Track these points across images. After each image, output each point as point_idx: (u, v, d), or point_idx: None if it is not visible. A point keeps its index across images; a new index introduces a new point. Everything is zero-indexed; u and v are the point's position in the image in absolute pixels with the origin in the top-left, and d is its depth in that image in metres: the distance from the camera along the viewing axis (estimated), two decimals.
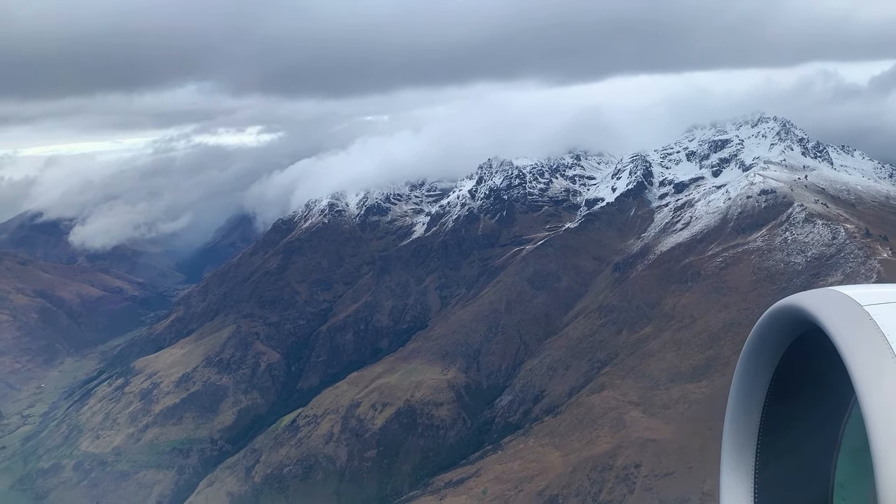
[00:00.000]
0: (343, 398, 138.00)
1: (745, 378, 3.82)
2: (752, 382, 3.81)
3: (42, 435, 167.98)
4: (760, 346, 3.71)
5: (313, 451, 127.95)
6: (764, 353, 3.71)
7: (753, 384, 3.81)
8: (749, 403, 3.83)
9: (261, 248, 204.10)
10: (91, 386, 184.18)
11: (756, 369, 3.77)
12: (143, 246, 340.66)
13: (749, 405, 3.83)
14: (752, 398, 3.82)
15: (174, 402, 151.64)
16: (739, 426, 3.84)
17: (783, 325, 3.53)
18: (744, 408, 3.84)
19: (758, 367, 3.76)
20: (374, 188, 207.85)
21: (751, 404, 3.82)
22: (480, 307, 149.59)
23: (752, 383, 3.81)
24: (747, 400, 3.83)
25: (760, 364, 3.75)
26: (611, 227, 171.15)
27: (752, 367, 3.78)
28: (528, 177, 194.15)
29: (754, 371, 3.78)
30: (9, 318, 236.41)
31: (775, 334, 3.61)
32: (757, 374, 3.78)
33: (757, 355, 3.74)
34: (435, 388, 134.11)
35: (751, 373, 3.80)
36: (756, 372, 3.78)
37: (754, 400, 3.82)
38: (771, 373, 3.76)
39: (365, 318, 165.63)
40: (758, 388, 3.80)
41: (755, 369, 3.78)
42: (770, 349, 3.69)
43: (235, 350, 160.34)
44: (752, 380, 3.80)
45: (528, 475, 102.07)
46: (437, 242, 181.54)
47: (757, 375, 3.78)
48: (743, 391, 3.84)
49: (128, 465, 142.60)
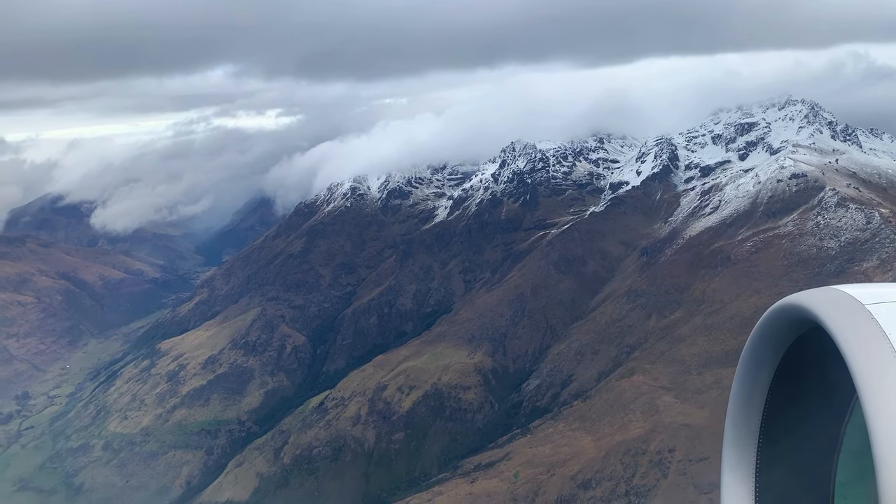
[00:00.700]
0: (370, 381, 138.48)
1: (747, 377, 3.81)
2: (753, 381, 3.80)
3: (69, 415, 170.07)
4: (762, 345, 3.70)
5: (341, 432, 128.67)
6: (765, 352, 3.70)
7: (755, 383, 3.80)
8: (750, 402, 3.82)
9: (283, 231, 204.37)
10: (117, 367, 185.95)
11: (757, 368, 3.75)
12: (163, 228, 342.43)
13: (750, 404, 3.82)
14: (754, 397, 3.81)
15: (201, 384, 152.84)
16: (741, 425, 3.84)
17: (785, 324, 3.53)
18: (745, 407, 3.84)
19: (759, 365, 3.75)
20: (395, 171, 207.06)
21: (752, 403, 3.81)
22: (506, 291, 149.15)
23: (754, 382, 3.80)
24: (748, 399, 3.82)
25: (762, 363, 3.73)
26: (637, 211, 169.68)
27: (753, 366, 3.77)
28: (552, 160, 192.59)
29: (756, 370, 3.76)
30: (33, 301, 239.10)
31: (777, 333, 3.61)
32: (758, 373, 3.76)
33: (758, 354, 3.73)
34: (462, 372, 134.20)
35: (752, 372, 3.79)
36: (757, 371, 3.76)
37: (755, 399, 3.80)
38: (772, 372, 3.74)
39: (389, 301, 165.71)
40: (759, 387, 3.79)
41: (756, 368, 3.76)
42: (771, 348, 3.68)
43: (261, 332, 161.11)
44: (754, 379, 3.79)
45: (560, 459, 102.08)
46: (460, 226, 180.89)
47: (758, 374, 3.76)
48: (744, 390, 3.83)
49: (156, 445, 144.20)
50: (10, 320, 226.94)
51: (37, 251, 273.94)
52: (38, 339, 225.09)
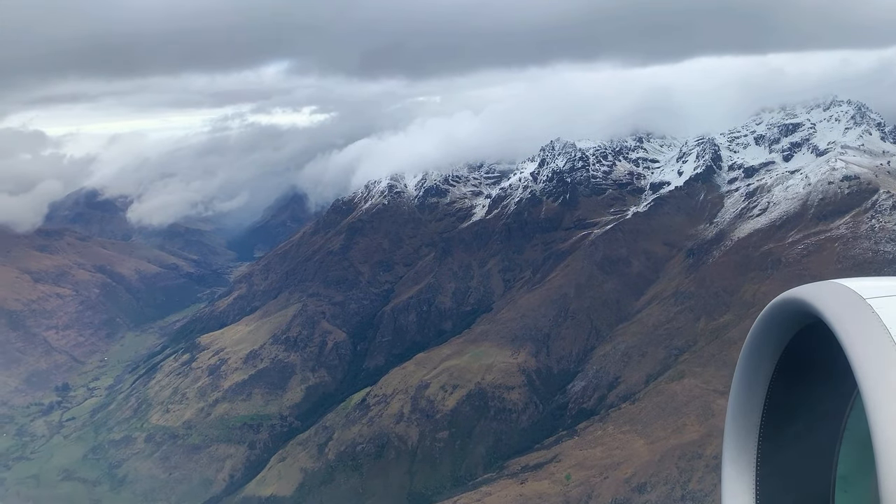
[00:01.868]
0: (411, 379, 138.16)
1: (748, 370, 3.81)
2: (754, 375, 3.80)
3: (110, 407, 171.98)
4: (763, 338, 3.71)
5: (385, 430, 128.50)
6: (767, 345, 3.72)
7: (756, 376, 3.80)
8: (751, 396, 3.82)
9: (322, 227, 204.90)
10: (156, 361, 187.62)
11: (759, 362, 3.77)
12: (195, 224, 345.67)
13: (751, 397, 3.82)
14: (755, 390, 3.81)
15: (243, 379, 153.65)
16: (742, 418, 3.84)
17: (786, 317, 3.54)
18: (746, 400, 3.83)
19: (760, 359, 3.76)
20: (432, 169, 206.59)
21: (753, 396, 3.82)
22: (549, 291, 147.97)
23: (755, 375, 3.80)
24: (750, 392, 3.82)
25: (763, 356, 3.75)
26: (680, 211, 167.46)
27: (754, 360, 3.78)
28: (592, 159, 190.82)
29: (757, 363, 3.78)
30: (72, 293, 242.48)
31: (778, 327, 3.63)
32: (759, 367, 3.78)
33: (760, 348, 3.74)
34: (505, 372, 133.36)
35: (753, 365, 3.79)
36: (759, 364, 3.78)
37: (757, 392, 3.81)
38: (773, 365, 3.76)
39: (428, 299, 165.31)
40: (760, 380, 3.80)
41: (758, 361, 3.78)
42: (773, 341, 3.70)
43: (302, 328, 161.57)
44: (755, 372, 3.79)
45: (613, 462, 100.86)
46: (499, 225, 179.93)
47: (759, 368, 3.78)
48: (745, 383, 3.83)
49: (199, 438, 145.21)
50: (50, 312, 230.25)
51: (74, 244, 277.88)
52: (77, 332, 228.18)
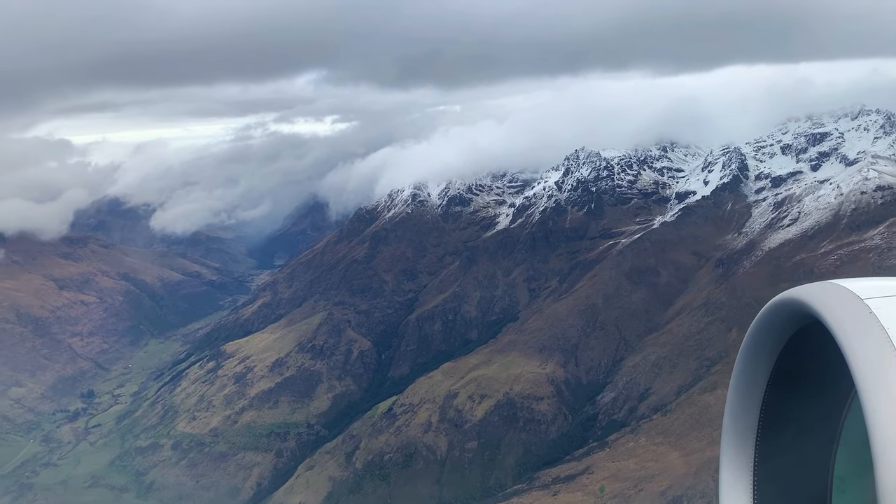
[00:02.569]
0: (439, 388, 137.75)
1: (746, 371, 3.80)
2: (752, 375, 3.79)
3: (136, 414, 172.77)
4: (761, 339, 3.70)
5: (412, 439, 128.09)
6: (764, 346, 3.71)
7: (753, 377, 3.79)
8: (749, 396, 3.81)
9: (345, 236, 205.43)
10: (181, 368, 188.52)
11: (756, 362, 3.77)
12: (216, 232, 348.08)
13: (749, 398, 3.81)
14: (752, 391, 3.80)
15: (269, 387, 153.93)
16: (739, 419, 3.83)
17: (784, 318, 3.53)
18: (744, 401, 3.82)
19: (758, 360, 3.76)
20: (455, 178, 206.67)
21: (751, 397, 3.81)
22: (576, 301, 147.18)
23: (753, 376, 3.79)
24: (747, 393, 3.81)
25: (761, 357, 3.75)
26: (707, 221, 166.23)
27: (752, 361, 3.78)
28: (616, 168, 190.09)
29: (754, 364, 3.77)
30: (96, 300, 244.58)
31: (776, 327, 3.61)
32: (757, 368, 3.77)
33: (757, 348, 3.73)
34: (534, 382, 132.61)
35: (751, 366, 3.78)
36: (756, 365, 3.77)
37: (754, 393, 3.80)
38: (771, 366, 3.75)
39: (453, 308, 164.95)
40: (758, 381, 3.79)
41: (755, 362, 3.77)
42: (770, 342, 3.68)
43: (328, 337, 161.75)
44: (753, 373, 3.78)
45: (647, 474, 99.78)
46: (523, 234, 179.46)
47: (757, 368, 3.78)
48: (743, 384, 3.82)
49: (226, 446, 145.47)
50: (75, 319, 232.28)
51: (98, 252, 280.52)
52: (101, 339, 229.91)
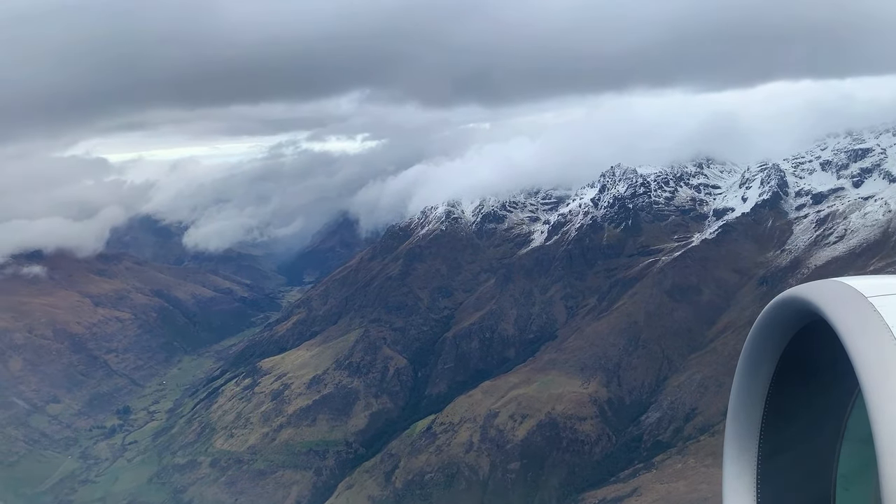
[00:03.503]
0: (479, 407, 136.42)
1: (749, 369, 3.80)
2: (755, 373, 3.78)
3: (173, 431, 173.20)
4: (764, 337, 3.70)
5: (454, 459, 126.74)
6: (768, 344, 3.71)
7: (757, 375, 3.78)
8: (752, 394, 3.80)
9: (379, 253, 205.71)
10: (216, 385, 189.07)
11: (760, 360, 3.77)
12: (247, 249, 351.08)
13: (752, 396, 3.80)
14: (756, 389, 3.80)
15: (307, 404, 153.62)
16: (742, 417, 3.82)
17: (787, 316, 3.54)
18: (747, 399, 3.82)
19: (761, 358, 3.76)
20: (489, 195, 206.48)
21: (754, 395, 3.80)
22: (617, 319, 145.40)
23: (756, 374, 3.78)
24: (750, 391, 3.80)
25: (764, 355, 3.75)
26: (748, 238, 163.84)
27: (755, 359, 3.78)
28: (653, 185, 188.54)
29: (758, 362, 3.78)
30: (130, 317, 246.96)
31: (779, 325, 3.61)
32: (760, 365, 3.78)
33: (761, 346, 3.73)
34: (576, 402, 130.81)
35: (754, 364, 3.77)
36: (759, 363, 3.77)
37: (757, 391, 3.80)
38: (774, 364, 3.75)
39: (490, 326, 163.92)
40: (761, 379, 3.78)
41: (759, 360, 3.77)
42: (774, 340, 3.69)
43: (364, 354, 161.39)
44: (756, 371, 3.78)
45: (699, 497, 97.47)
46: (559, 251, 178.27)
47: (760, 366, 3.78)
48: (746, 382, 3.81)
49: (264, 464, 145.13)
50: (110, 336, 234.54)
51: (132, 269, 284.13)
52: (136, 355, 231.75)
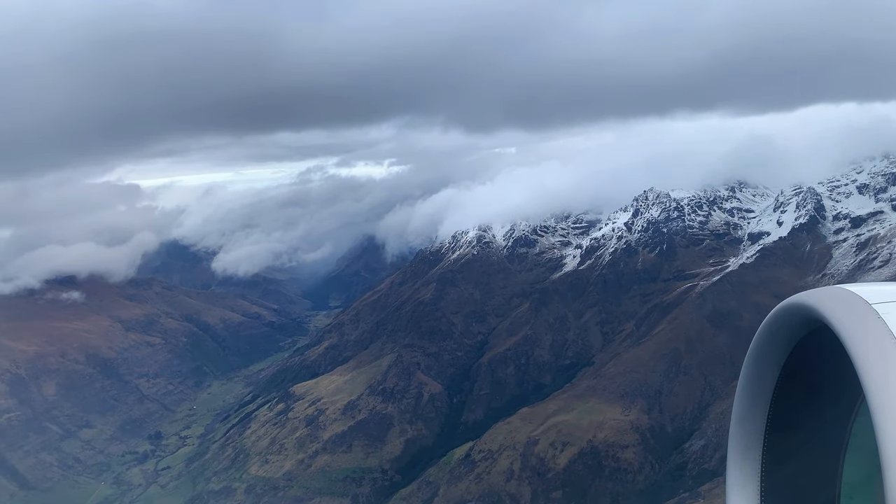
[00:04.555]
0: (518, 434, 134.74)
1: (753, 376, 3.77)
2: (759, 381, 3.75)
3: (206, 457, 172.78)
4: (768, 344, 3.68)
5: (494, 487, 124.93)
6: (771, 351, 3.69)
7: (760, 383, 3.75)
8: (756, 402, 3.78)
9: (409, 278, 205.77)
10: (248, 409, 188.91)
11: (763, 368, 3.75)
12: (272, 273, 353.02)
13: (756, 404, 3.78)
14: (759, 397, 3.77)
15: (342, 430, 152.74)
16: (746, 425, 3.80)
17: (791, 323, 3.53)
18: (751, 406, 3.79)
19: (765, 365, 3.74)
20: (520, 220, 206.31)
21: (758, 403, 3.78)
22: (657, 345, 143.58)
23: (760, 382, 3.75)
24: (754, 399, 3.78)
25: (768, 362, 3.73)
26: (786, 262, 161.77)
27: (759, 366, 3.76)
28: (687, 209, 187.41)
29: (761, 369, 3.76)
30: (160, 342, 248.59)
31: (783, 332, 3.59)
32: (764, 373, 3.76)
33: (764, 354, 3.71)
34: (618, 430, 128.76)
35: (758, 371, 3.74)
36: (763, 370, 3.75)
37: (761, 399, 3.77)
38: (778, 371, 3.73)
39: (526, 352, 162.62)
40: (765, 386, 3.75)
41: (762, 368, 3.75)
42: (777, 347, 3.67)
43: (398, 379, 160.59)
44: (760, 378, 3.75)
45: None
46: (594, 276, 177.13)
47: (764, 374, 3.76)
48: (750, 390, 3.79)
49: (301, 490, 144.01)
50: (141, 360, 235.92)
51: (162, 294, 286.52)
52: (166, 380, 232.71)
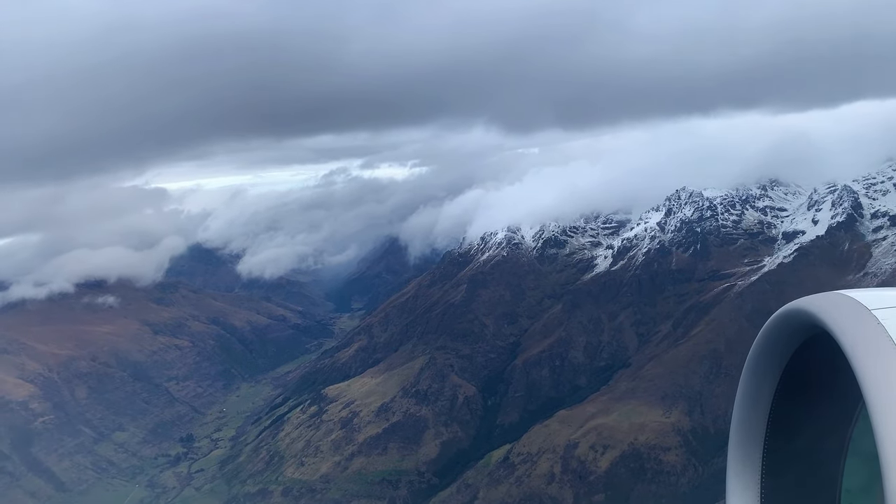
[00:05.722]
0: (557, 437, 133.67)
1: (752, 382, 3.75)
2: (759, 386, 3.73)
3: (239, 459, 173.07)
4: (768, 349, 3.68)
5: (535, 491, 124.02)
6: (771, 356, 3.69)
7: (760, 388, 3.73)
8: (756, 408, 3.75)
9: (438, 279, 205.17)
10: (280, 412, 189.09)
11: (763, 373, 3.74)
12: (295, 276, 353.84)
13: (756, 409, 3.75)
14: (759, 402, 3.75)
15: (377, 432, 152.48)
16: (746, 431, 3.78)
17: (791, 328, 3.53)
18: (750, 412, 3.77)
19: (765, 370, 3.73)
20: (549, 220, 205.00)
21: (758, 409, 3.75)
22: (696, 346, 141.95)
23: (759, 387, 3.73)
24: (754, 404, 3.76)
25: (767, 368, 3.72)
26: (824, 262, 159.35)
27: (759, 371, 3.75)
28: (720, 208, 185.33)
29: (761, 375, 3.75)
30: (189, 345, 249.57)
31: (783, 338, 3.59)
32: (764, 378, 3.75)
33: (764, 359, 3.71)
34: (659, 432, 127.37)
35: (758, 377, 3.72)
36: (763, 376, 3.75)
37: (761, 404, 3.75)
38: (778, 377, 3.73)
39: (560, 353, 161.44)
40: (765, 392, 3.73)
41: (762, 373, 3.75)
42: (777, 353, 3.67)
43: (432, 382, 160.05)
44: (759, 384, 3.72)
45: None
46: (627, 276, 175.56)
47: (764, 379, 3.75)
48: (750, 395, 3.77)
49: (338, 493, 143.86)
50: (170, 363, 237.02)
51: (189, 297, 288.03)
52: (196, 383, 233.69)
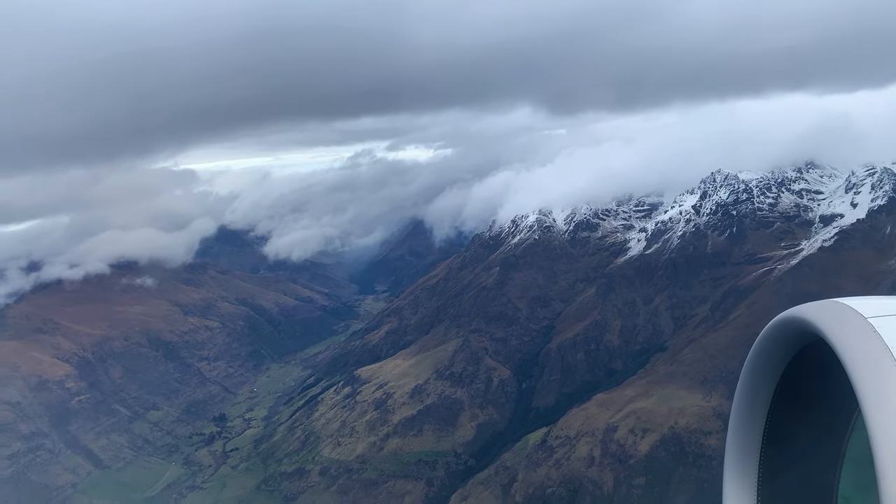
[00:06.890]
0: (595, 420, 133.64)
1: (749, 389, 3.73)
2: (755, 394, 3.71)
3: (274, 439, 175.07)
4: (764, 357, 3.68)
5: (575, 473, 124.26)
6: (767, 364, 3.69)
7: (757, 396, 3.71)
8: (752, 415, 3.74)
9: (468, 262, 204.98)
10: (313, 392, 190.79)
11: (759, 381, 3.74)
12: (319, 258, 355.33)
13: (752, 417, 3.74)
14: (756, 410, 3.73)
15: (412, 414, 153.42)
16: (743, 438, 3.77)
17: (787, 336, 3.54)
18: (747, 419, 3.75)
19: (761, 378, 3.73)
20: (580, 203, 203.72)
21: (754, 416, 3.73)
22: (736, 330, 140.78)
23: (756, 395, 3.71)
24: (751, 411, 3.74)
25: (764, 375, 3.72)
26: (866, 245, 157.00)
27: (755, 379, 3.74)
28: (756, 191, 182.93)
29: (758, 382, 3.74)
30: (218, 325, 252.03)
31: (779, 346, 3.60)
32: (760, 386, 3.75)
33: (760, 367, 3.71)
34: (699, 416, 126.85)
35: (754, 384, 3.70)
36: (759, 383, 3.74)
37: (758, 411, 3.73)
38: (774, 384, 3.72)
39: (595, 337, 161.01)
40: (761, 399, 3.71)
41: (759, 381, 3.74)
42: (774, 361, 3.67)
43: (466, 364, 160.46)
44: (756, 391, 3.70)
45: None
46: (661, 260, 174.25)
47: (760, 387, 3.75)
48: (746, 403, 3.75)
49: (374, 473, 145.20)
50: (201, 344, 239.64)
51: (217, 278, 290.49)
52: (227, 363, 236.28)
